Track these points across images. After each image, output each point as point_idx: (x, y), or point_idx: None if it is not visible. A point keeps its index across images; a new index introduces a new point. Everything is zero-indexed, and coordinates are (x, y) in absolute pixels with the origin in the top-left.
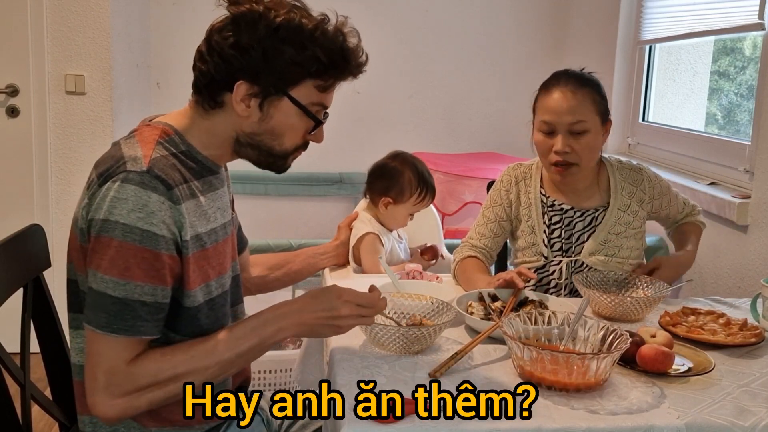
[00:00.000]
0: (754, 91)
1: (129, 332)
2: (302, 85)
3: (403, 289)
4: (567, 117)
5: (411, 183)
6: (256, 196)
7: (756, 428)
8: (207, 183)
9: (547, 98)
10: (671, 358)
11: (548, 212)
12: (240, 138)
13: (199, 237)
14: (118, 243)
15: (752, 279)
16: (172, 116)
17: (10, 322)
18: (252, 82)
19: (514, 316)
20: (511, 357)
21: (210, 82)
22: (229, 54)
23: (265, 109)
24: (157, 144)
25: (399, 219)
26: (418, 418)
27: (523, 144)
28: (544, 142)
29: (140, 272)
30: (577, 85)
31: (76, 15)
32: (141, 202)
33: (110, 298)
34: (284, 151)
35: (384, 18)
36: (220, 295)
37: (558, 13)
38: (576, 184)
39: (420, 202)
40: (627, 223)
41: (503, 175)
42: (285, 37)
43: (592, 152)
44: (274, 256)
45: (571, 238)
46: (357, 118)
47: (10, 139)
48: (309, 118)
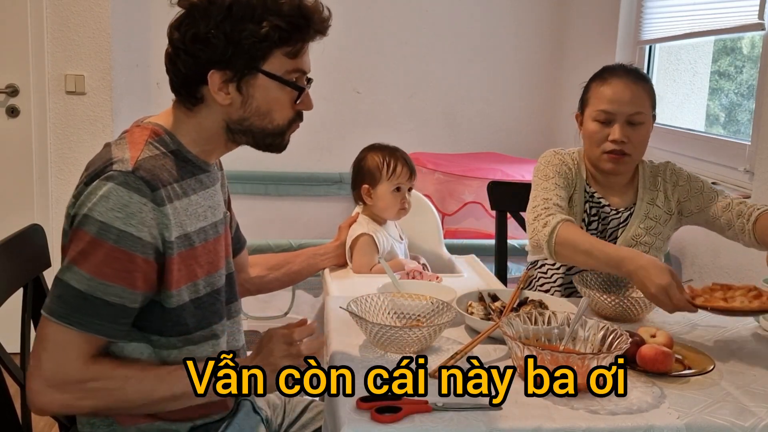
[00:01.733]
0: (754, 90)
1: (84, 327)
2: (272, 57)
3: (403, 289)
4: (628, 107)
5: (375, 160)
6: (256, 196)
7: (756, 428)
8: (198, 181)
9: (605, 88)
10: (671, 358)
11: (589, 202)
12: (231, 126)
13: (188, 236)
14: (91, 238)
15: (752, 279)
16: (161, 117)
17: (10, 322)
18: (223, 69)
19: (514, 316)
20: (511, 357)
21: (185, 81)
22: (194, 48)
23: (244, 91)
24: (147, 144)
25: (388, 202)
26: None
27: (523, 144)
28: (600, 131)
29: (111, 272)
30: (635, 78)
31: (76, 15)
32: (122, 202)
33: (74, 290)
34: (278, 128)
35: (384, 18)
36: (209, 293)
37: (558, 13)
38: (619, 179)
39: (394, 172)
40: (656, 216)
41: (557, 156)
42: (240, 15)
43: (644, 145)
44: (273, 257)
45: (605, 232)
46: (357, 118)
47: (10, 139)
48: (290, 87)
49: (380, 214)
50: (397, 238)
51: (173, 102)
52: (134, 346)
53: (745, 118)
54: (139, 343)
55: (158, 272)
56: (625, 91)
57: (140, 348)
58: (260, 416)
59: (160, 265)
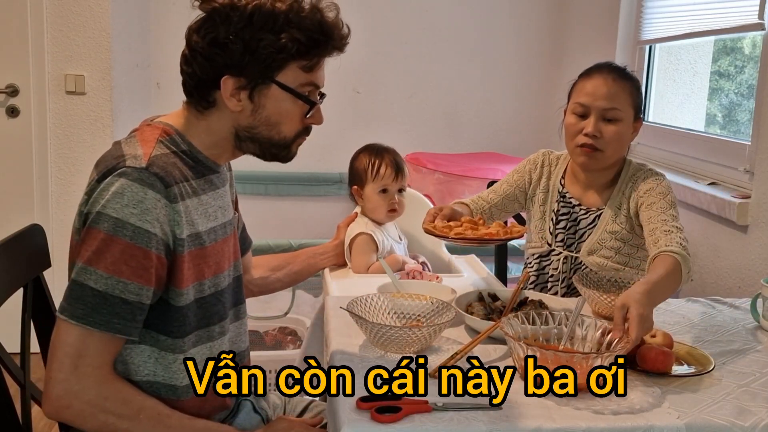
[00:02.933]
0: (754, 90)
1: (104, 327)
2: (288, 69)
3: (403, 289)
4: (603, 102)
5: (362, 161)
6: (256, 196)
7: (756, 428)
8: (208, 181)
9: (586, 82)
10: (671, 358)
11: (560, 201)
12: (239, 133)
13: (199, 235)
14: (106, 236)
15: (752, 279)
16: (171, 117)
17: (10, 322)
18: (237, 75)
19: (513, 316)
20: (512, 357)
21: (198, 84)
22: (211, 52)
23: (256, 99)
24: (158, 143)
25: (375, 203)
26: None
27: (523, 144)
28: (575, 124)
29: (128, 269)
30: (618, 75)
31: (76, 15)
32: (137, 198)
33: (91, 290)
34: (284, 140)
35: (384, 18)
36: (212, 294)
37: (558, 13)
38: (599, 178)
39: (377, 174)
40: (622, 222)
41: (534, 155)
42: (260, 24)
43: (618, 143)
44: (275, 257)
45: (576, 233)
46: (357, 118)
47: (10, 139)
48: (302, 101)
49: (369, 215)
50: (396, 238)
51: (183, 103)
52: (141, 349)
53: (745, 118)
54: (146, 346)
55: (168, 269)
56: (603, 86)
57: (147, 351)
58: (261, 416)
59: (170, 261)
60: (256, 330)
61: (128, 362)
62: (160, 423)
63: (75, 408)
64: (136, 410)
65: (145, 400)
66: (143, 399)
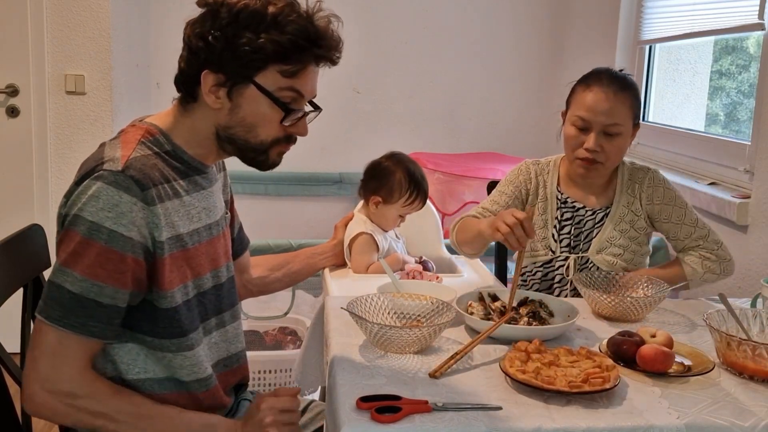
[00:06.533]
0: (754, 90)
1: (80, 330)
2: (267, 71)
3: (403, 289)
4: (604, 118)
5: (401, 184)
6: (256, 196)
7: (756, 428)
8: (192, 182)
9: (586, 94)
10: (671, 358)
11: (561, 208)
12: (219, 133)
13: (180, 237)
14: (82, 239)
15: (752, 279)
16: (159, 116)
17: (10, 322)
18: (216, 71)
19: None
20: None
21: (183, 77)
22: (196, 46)
23: (234, 98)
24: (139, 144)
25: (389, 219)
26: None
27: (523, 144)
28: (576, 137)
29: (103, 272)
30: (618, 87)
31: (76, 15)
32: (112, 201)
33: (68, 292)
34: (260, 144)
35: (384, 18)
36: (195, 296)
37: (558, 13)
38: (593, 182)
39: (409, 204)
40: (631, 221)
41: (523, 166)
42: (245, 23)
43: (619, 154)
44: (274, 257)
45: (580, 235)
46: (357, 118)
47: (10, 139)
48: (278, 105)
49: (375, 222)
50: (395, 237)
51: (173, 101)
52: (129, 348)
53: (745, 118)
54: (134, 345)
55: (147, 272)
56: (604, 101)
57: (135, 350)
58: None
59: (150, 264)
60: (256, 330)
61: (117, 362)
62: (140, 419)
63: (50, 405)
64: (112, 408)
65: (123, 398)
66: (121, 397)
